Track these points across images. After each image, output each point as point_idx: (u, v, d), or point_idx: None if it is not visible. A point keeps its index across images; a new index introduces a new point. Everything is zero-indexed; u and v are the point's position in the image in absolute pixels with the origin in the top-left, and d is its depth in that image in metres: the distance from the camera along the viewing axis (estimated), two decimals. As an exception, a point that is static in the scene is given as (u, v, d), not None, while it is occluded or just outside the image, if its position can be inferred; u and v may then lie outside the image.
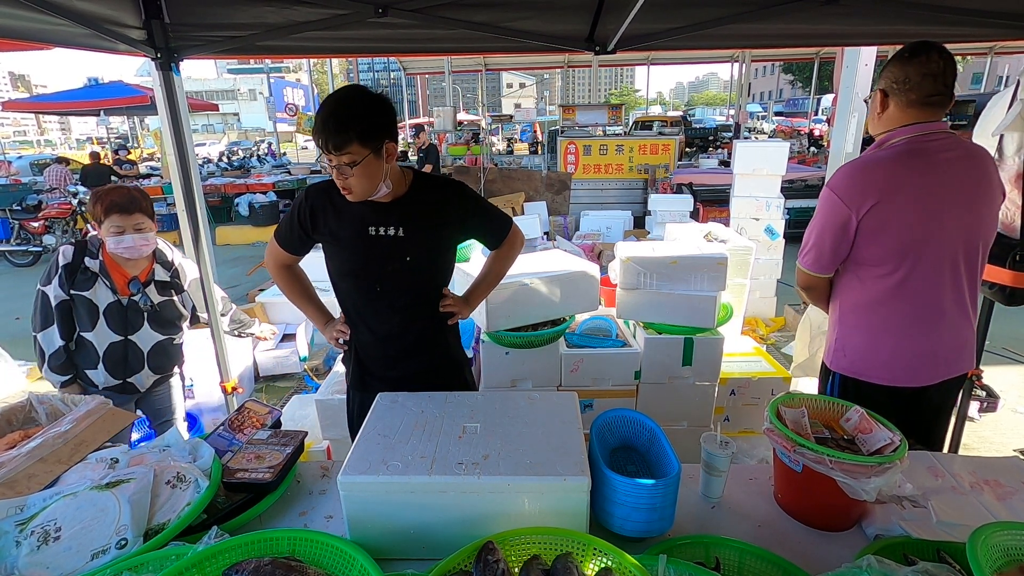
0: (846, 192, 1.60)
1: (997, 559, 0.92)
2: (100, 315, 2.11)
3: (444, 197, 1.66)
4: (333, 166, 1.45)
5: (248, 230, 10.05)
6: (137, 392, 2.27)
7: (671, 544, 1.12)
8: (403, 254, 1.61)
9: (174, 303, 2.29)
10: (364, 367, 1.78)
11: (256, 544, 1.03)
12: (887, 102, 1.61)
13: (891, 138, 1.62)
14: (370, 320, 1.71)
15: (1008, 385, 3.90)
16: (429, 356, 1.78)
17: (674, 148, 9.37)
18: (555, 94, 60.42)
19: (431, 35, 2.51)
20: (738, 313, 3.57)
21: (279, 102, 17.21)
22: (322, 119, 1.42)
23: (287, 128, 19.72)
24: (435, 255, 1.70)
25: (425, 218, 1.62)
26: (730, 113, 24.16)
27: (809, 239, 1.72)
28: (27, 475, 1.24)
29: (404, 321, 1.70)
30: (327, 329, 1.81)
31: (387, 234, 1.59)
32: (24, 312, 6.43)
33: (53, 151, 29.62)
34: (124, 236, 2.05)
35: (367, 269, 1.63)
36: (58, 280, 2.06)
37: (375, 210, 1.58)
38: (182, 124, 2.44)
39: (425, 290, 1.72)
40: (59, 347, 2.09)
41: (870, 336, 1.70)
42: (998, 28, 2.40)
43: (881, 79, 1.63)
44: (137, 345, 2.20)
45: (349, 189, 1.49)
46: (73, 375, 2.14)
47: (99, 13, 2.03)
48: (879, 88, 1.63)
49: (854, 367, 1.73)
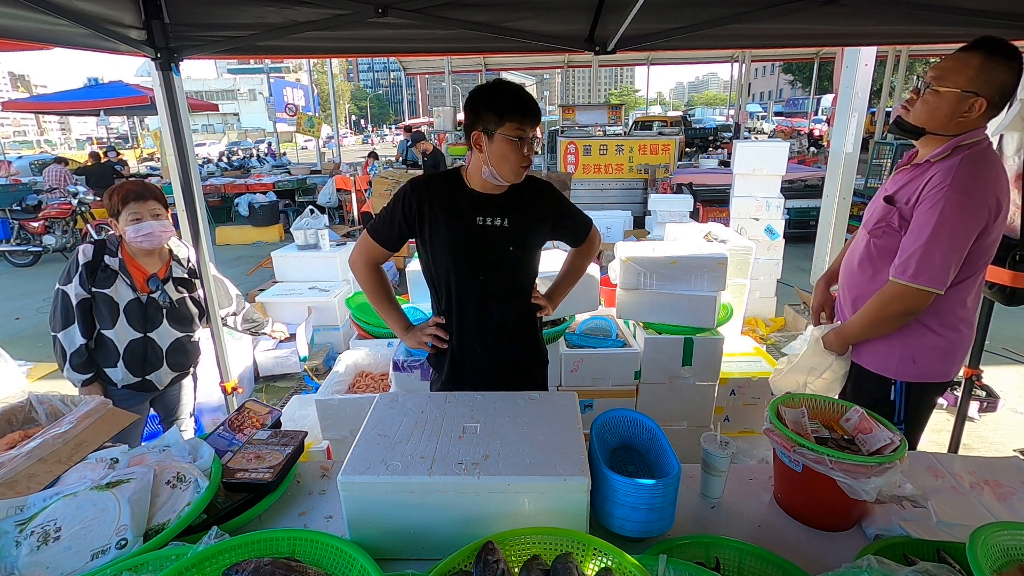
0: (983, 197, 1.48)
1: (997, 559, 0.92)
2: (120, 312, 2.12)
3: (541, 193, 1.74)
4: (528, 138, 1.54)
5: (248, 230, 10.04)
6: (155, 390, 2.28)
7: (671, 544, 1.12)
8: (507, 244, 1.67)
9: (191, 300, 2.32)
10: (459, 364, 1.78)
11: (256, 544, 1.03)
12: (982, 106, 1.49)
13: (970, 138, 1.53)
14: (471, 310, 1.73)
15: (1008, 385, 3.90)
16: (522, 347, 1.83)
17: (674, 148, 9.36)
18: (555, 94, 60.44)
19: (431, 35, 2.51)
20: (738, 313, 3.57)
21: (279, 102, 17.20)
22: (516, 98, 1.52)
23: (287, 128, 19.69)
24: (532, 248, 1.77)
25: (526, 211, 1.69)
26: (730, 113, 24.17)
27: (933, 254, 1.51)
28: (27, 475, 1.24)
29: (503, 311, 1.74)
30: (411, 334, 1.80)
31: (494, 224, 1.65)
32: (24, 312, 6.45)
33: (53, 151, 29.61)
34: (142, 223, 2.07)
35: (473, 258, 1.67)
36: (79, 279, 2.07)
37: (483, 201, 1.65)
38: (182, 124, 2.43)
39: (521, 281, 1.78)
40: (80, 345, 2.09)
41: (946, 338, 1.65)
42: (999, 29, 2.40)
43: (985, 83, 1.47)
44: (156, 342, 2.21)
45: (530, 162, 1.59)
46: (94, 373, 2.15)
47: (99, 13, 2.03)
48: (982, 94, 1.47)
49: (926, 372, 1.69)
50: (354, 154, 24.29)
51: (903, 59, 15.24)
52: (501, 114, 1.51)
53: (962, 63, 1.48)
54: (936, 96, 1.52)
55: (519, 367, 1.84)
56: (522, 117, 1.51)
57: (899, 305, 1.60)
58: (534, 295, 1.85)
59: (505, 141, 1.52)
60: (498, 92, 1.53)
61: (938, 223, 1.49)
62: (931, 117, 1.55)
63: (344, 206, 10.32)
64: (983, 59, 1.46)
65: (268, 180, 12.08)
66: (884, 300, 1.63)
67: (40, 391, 1.82)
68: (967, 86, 1.48)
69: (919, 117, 1.57)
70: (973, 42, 1.49)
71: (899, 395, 1.72)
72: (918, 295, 1.56)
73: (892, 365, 1.71)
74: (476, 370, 1.78)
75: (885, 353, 1.72)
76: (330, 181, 10.65)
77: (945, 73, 1.50)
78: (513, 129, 1.51)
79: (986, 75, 1.46)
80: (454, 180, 1.67)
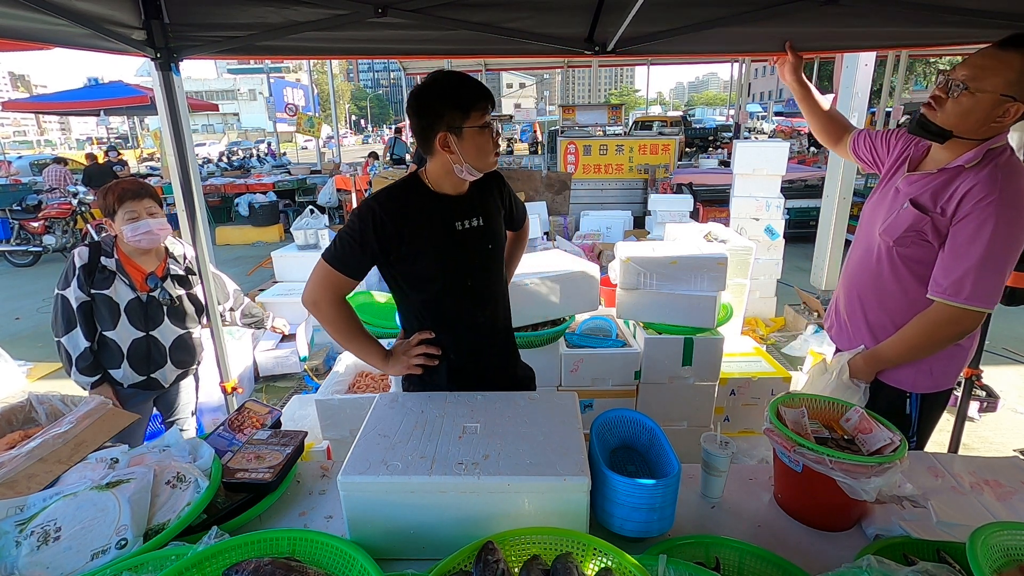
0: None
1: (997, 559, 0.92)
2: (122, 312, 2.13)
3: (497, 183, 1.71)
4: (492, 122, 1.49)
5: (248, 230, 10.05)
6: (161, 388, 2.29)
7: (671, 544, 1.12)
8: (486, 243, 1.63)
9: (191, 296, 2.32)
10: (459, 377, 1.66)
11: (256, 544, 1.03)
12: (1019, 111, 1.38)
13: (997, 143, 1.45)
14: (464, 317, 1.65)
15: (1008, 385, 3.90)
16: (510, 344, 1.81)
17: (674, 148, 9.36)
18: (555, 94, 60.42)
19: (430, 37, 2.51)
20: (738, 313, 3.57)
21: (279, 102, 17.20)
22: (471, 86, 1.45)
23: (287, 128, 19.69)
24: (503, 242, 1.75)
25: (491, 205, 1.66)
26: (730, 113, 24.19)
27: (988, 274, 1.42)
28: (27, 475, 1.24)
29: (494, 311, 1.71)
30: (393, 361, 1.62)
31: (472, 225, 1.59)
32: (24, 312, 6.45)
33: (53, 151, 29.62)
34: (139, 222, 2.07)
35: (459, 265, 1.59)
36: (77, 282, 2.06)
37: (456, 204, 1.57)
38: (182, 124, 2.43)
39: (500, 277, 1.75)
40: (85, 348, 2.09)
41: (961, 346, 1.61)
42: (1000, 29, 2.40)
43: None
44: (159, 340, 2.22)
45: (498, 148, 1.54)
46: (102, 375, 2.15)
47: (99, 13, 2.03)
48: (1021, 99, 1.36)
49: (940, 382, 1.65)
50: (354, 154, 24.30)
51: (903, 59, 15.24)
52: (465, 108, 1.42)
53: (1001, 63, 1.34)
54: (971, 98, 1.38)
55: (514, 368, 1.81)
56: (484, 103, 1.45)
57: (954, 328, 1.51)
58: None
59: (477, 133, 1.45)
60: (452, 86, 1.44)
61: (991, 241, 1.39)
62: (963, 120, 1.42)
63: (344, 206, 10.32)
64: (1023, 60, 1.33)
65: (268, 180, 12.09)
66: (934, 323, 1.51)
67: (40, 391, 1.83)
68: (1006, 90, 1.35)
69: (949, 120, 1.43)
70: (1009, 38, 1.35)
71: (914, 407, 1.67)
72: (975, 317, 1.47)
73: (909, 378, 1.64)
74: (479, 377, 1.67)
75: (910, 368, 1.64)
76: (330, 181, 10.66)
77: (982, 73, 1.36)
78: (480, 118, 1.44)
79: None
80: (417, 188, 1.55)
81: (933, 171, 1.52)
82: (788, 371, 2.93)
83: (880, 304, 1.66)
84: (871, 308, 1.68)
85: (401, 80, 19.85)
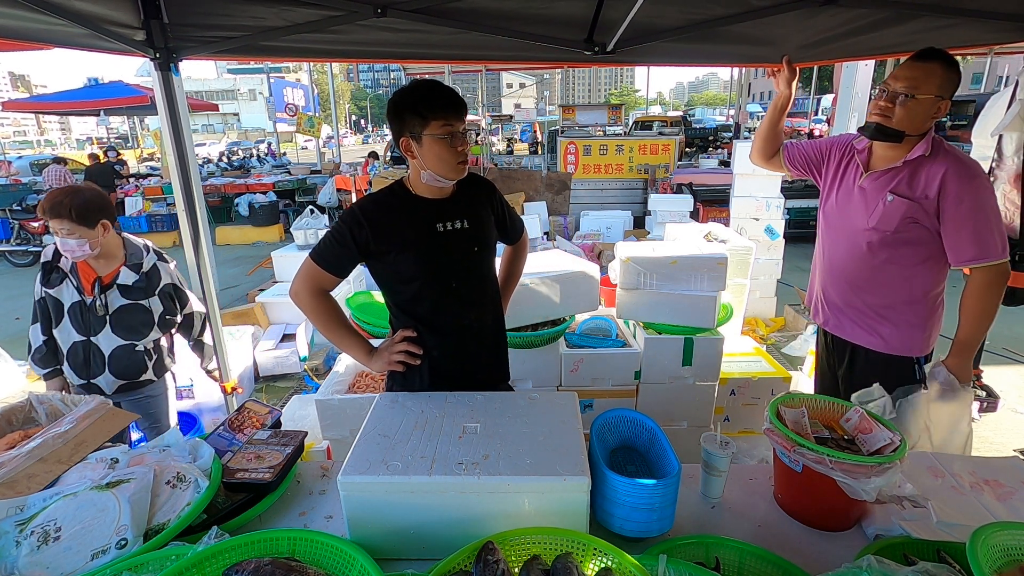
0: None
1: (997, 559, 0.92)
2: (64, 313, 2.13)
3: (486, 191, 1.74)
4: (459, 132, 1.50)
5: (248, 230, 10.05)
6: (104, 395, 2.17)
7: (671, 544, 1.12)
8: (472, 245, 1.64)
9: (141, 308, 2.18)
10: (438, 375, 1.67)
11: (256, 544, 1.03)
12: (947, 106, 1.73)
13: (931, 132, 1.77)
14: (447, 319, 1.65)
15: (1008, 385, 3.90)
16: (499, 349, 1.80)
17: (674, 148, 9.36)
18: (555, 94, 60.45)
19: (429, 40, 2.51)
20: (738, 313, 3.57)
21: (279, 102, 17.21)
22: (436, 94, 1.47)
23: (287, 128, 19.69)
24: (492, 247, 1.75)
25: (480, 210, 1.67)
26: (730, 113, 24.18)
27: (996, 229, 1.71)
28: (27, 475, 1.24)
29: (479, 315, 1.71)
30: (376, 357, 1.64)
31: (455, 227, 1.60)
32: (24, 312, 6.45)
33: (53, 151, 29.62)
34: (59, 239, 2.03)
35: (441, 266, 1.61)
36: (39, 278, 2.14)
37: (437, 206, 1.60)
38: (182, 124, 2.44)
39: (489, 281, 1.75)
40: (40, 342, 2.17)
41: (940, 307, 1.88)
42: (1002, 31, 2.40)
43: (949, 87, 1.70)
44: (98, 347, 2.15)
45: (467, 157, 1.55)
46: (54, 368, 2.20)
47: (98, 13, 2.03)
48: (947, 96, 1.70)
49: (931, 342, 1.90)
50: (354, 154, 24.29)
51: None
52: (424, 115, 1.45)
53: (929, 72, 1.69)
54: (916, 103, 1.70)
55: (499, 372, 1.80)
56: (446, 112, 1.46)
57: (1001, 282, 1.74)
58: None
59: (435, 141, 1.47)
60: (416, 93, 1.47)
61: (987, 205, 1.70)
62: (912, 121, 1.73)
63: (344, 206, 10.33)
64: (943, 67, 1.68)
65: (268, 180, 12.09)
66: (985, 287, 1.74)
67: (40, 391, 1.83)
68: (939, 92, 1.70)
69: (902, 123, 1.73)
70: (922, 52, 1.72)
71: (920, 369, 1.88)
72: (1007, 267, 1.73)
73: (917, 344, 1.87)
74: (464, 380, 1.65)
75: (911, 336, 1.87)
76: (330, 181, 10.66)
77: (918, 83, 1.69)
78: (439, 127, 1.46)
79: (948, 80, 1.70)
80: (399, 192, 1.60)
81: (898, 164, 1.78)
82: (788, 371, 2.93)
83: (876, 287, 1.88)
84: (868, 292, 1.90)
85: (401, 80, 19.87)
